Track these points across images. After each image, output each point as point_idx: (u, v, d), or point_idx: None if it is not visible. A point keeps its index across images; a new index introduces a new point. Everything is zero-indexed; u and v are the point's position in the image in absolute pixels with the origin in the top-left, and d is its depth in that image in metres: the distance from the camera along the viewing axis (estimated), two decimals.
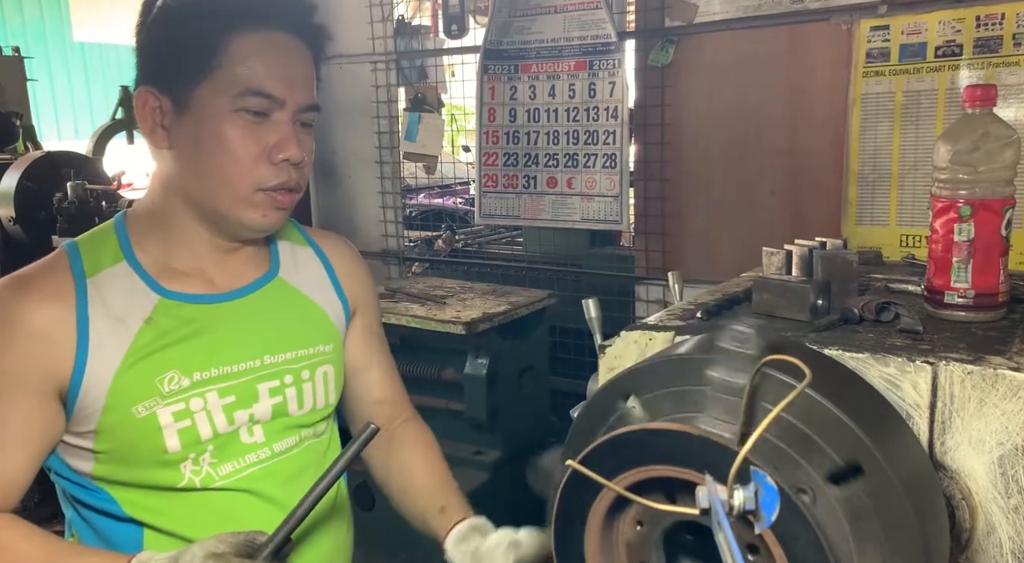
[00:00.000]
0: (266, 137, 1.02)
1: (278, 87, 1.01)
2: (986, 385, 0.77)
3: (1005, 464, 0.76)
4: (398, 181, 3.48)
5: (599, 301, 1.17)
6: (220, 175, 1.02)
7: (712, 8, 2.58)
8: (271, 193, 1.04)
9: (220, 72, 0.99)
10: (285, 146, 1.03)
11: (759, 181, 2.61)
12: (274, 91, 1.01)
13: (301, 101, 1.04)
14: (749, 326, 0.71)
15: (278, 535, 0.89)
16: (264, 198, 1.04)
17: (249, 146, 1.01)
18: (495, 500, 2.35)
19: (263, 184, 1.03)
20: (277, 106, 1.02)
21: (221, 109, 1.00)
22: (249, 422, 1.07)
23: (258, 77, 1.00)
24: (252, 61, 1.00)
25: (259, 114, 1.01)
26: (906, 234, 2.36)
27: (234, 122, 1.00)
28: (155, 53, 1.03)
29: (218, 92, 1.00)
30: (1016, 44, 2.14)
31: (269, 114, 1.02)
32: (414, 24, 3.68)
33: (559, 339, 2.94)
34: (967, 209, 0.93)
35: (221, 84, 0.99)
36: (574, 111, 2.91)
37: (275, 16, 1.03)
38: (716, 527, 0.55)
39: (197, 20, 1.00)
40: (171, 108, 1.02)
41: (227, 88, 0.99)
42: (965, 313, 0.95)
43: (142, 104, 1.03)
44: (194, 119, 1.01)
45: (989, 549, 0.78)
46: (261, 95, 1.00)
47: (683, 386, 0.75)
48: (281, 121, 1.03)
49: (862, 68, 2.36)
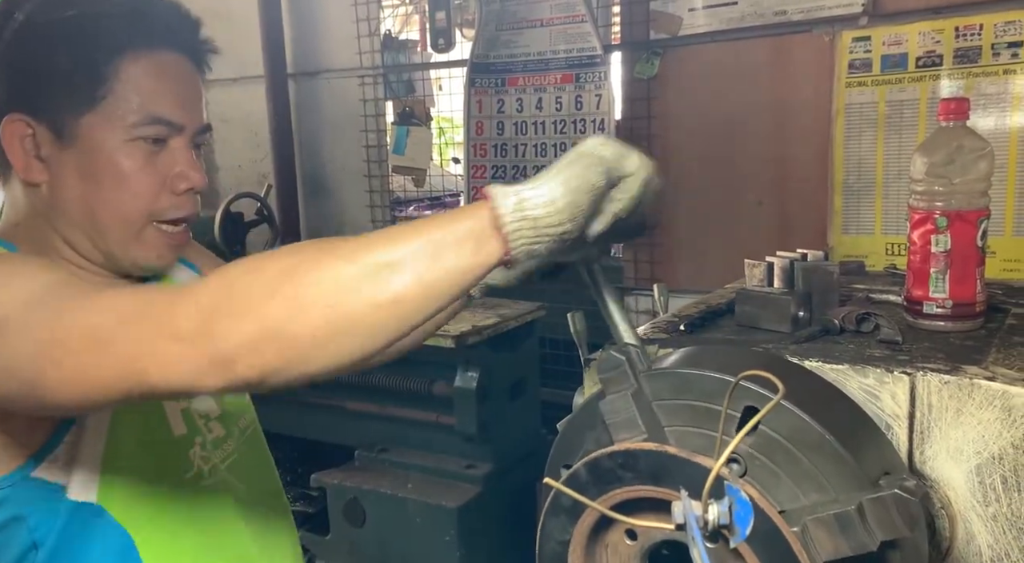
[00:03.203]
0: (166, 167, 0.95)
1: (175, 112, 0.94)
2: (963, 395, 0.78)
3: (983, 472, 0.77)
4: (387, 194, 3.48)
5: (585, 314, 1.17)
6: (114, 210, 0.93)
7: (696, 20, 2.61)
8: (167, 230, 0.97)
9: (111, 99, 0.91)
10: (188, 175, 0.96)
11: (746, 191, 2.63)
12: (172, 117, 0.94)
13: (197, 124, 0.98)
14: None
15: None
16: (157, 236, 0.96)
17: (148, 178, 0.93)
18: (486, 514, 2.35)
19: (160, 216, 0.96)
20: (175, 132, 0.95)
21: (115, 139, 0.91)
22: (204, 419, 1.07)
23: (154, 103, 0.92)
24: (145, 86, 0.92)
25: (157, 142, 0.94)
26: (891, 243, 2.38)
27: (131, 153, 0.92)
28: (25, 77, 0.92)
29: (110, 122, 0.91)
30: (995, 54, 2.17)
31: (166, 141, 0.95)
32: (401, 39, 3.70)
33: (549, 351, 2.94)
34: (943, 220, 0.95)
35: (113, 112, 0.91)
36: (561, 123, 2.92)
37: (162, 36, 0.95)
38: (690, 542, 0.55)
39: (79, 41, 0.91)
40: (50, 138, 0.91)
41: (121, 117, 0.91)
42: (943, 323, 0.97)
43: (11, 134, 0.91)
44: (81, 150, 0.91)
45: (969, 557, 0.79)
46: (160, 123, 0.93)
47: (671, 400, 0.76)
48: (179, 147, 0.96)
49: (845, 79, 2.38)
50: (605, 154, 0.72)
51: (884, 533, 0.63)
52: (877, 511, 0.63)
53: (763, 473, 0.69)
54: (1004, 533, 0.77)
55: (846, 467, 0.68)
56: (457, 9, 3.21)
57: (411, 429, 2.47)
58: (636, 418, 0.73)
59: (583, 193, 0.69)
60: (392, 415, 2.46)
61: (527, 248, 0.68)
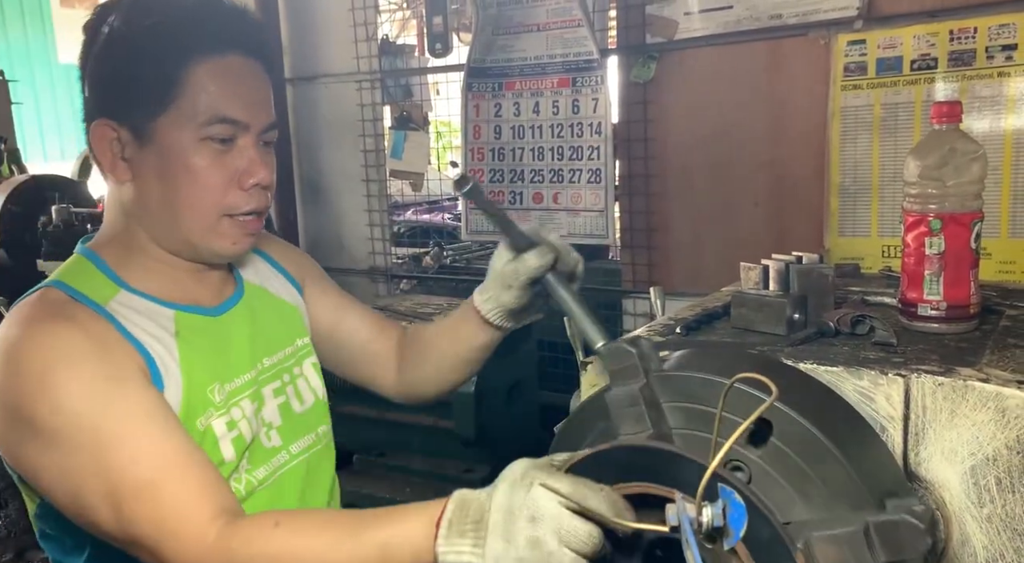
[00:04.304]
0: (233, 163, 1.01)
1: (241, 111, 1.00)
2: (957, 396, 0.78)
3: (977, 474, 0.78)
4: (385, 199, 3.49)
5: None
6: (189, 205, 1.01)
7: (692, 24, 2.62)
8: (241, 219, 1.04)
9: (181, 102, 0.98)
10: (254, 171, 1.02)
11: (742, 194, 2.64)
12: (238, 116, 1.00)
13: (263, 122, 1.03)
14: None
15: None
16: (232, 225, 1.04)
17: (218, 174, 1.00)
18: None
19: (233, 211, 1.03)
20: (242, 130, 1.01)
21: (186, 139, 0.98)
22: (266, 428, 1.09)
23: (221, 104, 0.99)
24: (213, 88, 0.99)
25: (225, 141, 1.00)
26: (887, 245, 2.38)
27: (201, 151, 0.99)
28: (110, 84, 1.01)
29: (181, 122, 0.98)
30: (989, 57, 2.18)
31: (234, 139, 1.01)
32: (399, 43, 3.72)
33: (548, 353, 2.95)
34: (937, 223, 0.95)
35: (184, 114, 0.98)
36: (558, 127, 2.93)
37: (228, 41, 1.01)
38: (685, 544, 0.56)
39: (153, 49, 0.98)
40: (131, 140, 1.00)
41: (191, 118, 0.98)
42: (938, 325, 0.97)
43: (99, 137, 1.01)
44: (157, 150, 0.99)
45: (964, 558, 0.79)
46: (226, 122, 0.99)
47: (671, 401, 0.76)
48: (247, 145, 1.02)
49: (840, 82, 2.39)
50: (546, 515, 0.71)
51: (889, 555, 0.63)
52: (884, 534, 0.63)
53: (768, 482, 0.70)
54: (999, 534, 0.77)
55: (851, 481, 0.68)
56: (454, 14, 3.22)
57: (409, 433, 2.47)
58: (643, 413, 0.73)
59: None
60: (390, 419, 2.46)
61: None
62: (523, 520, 0.70)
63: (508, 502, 0.72)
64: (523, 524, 0.70)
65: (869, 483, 0.69)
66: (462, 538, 0.74)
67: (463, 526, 0.74)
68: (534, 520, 0.70)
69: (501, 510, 0.72)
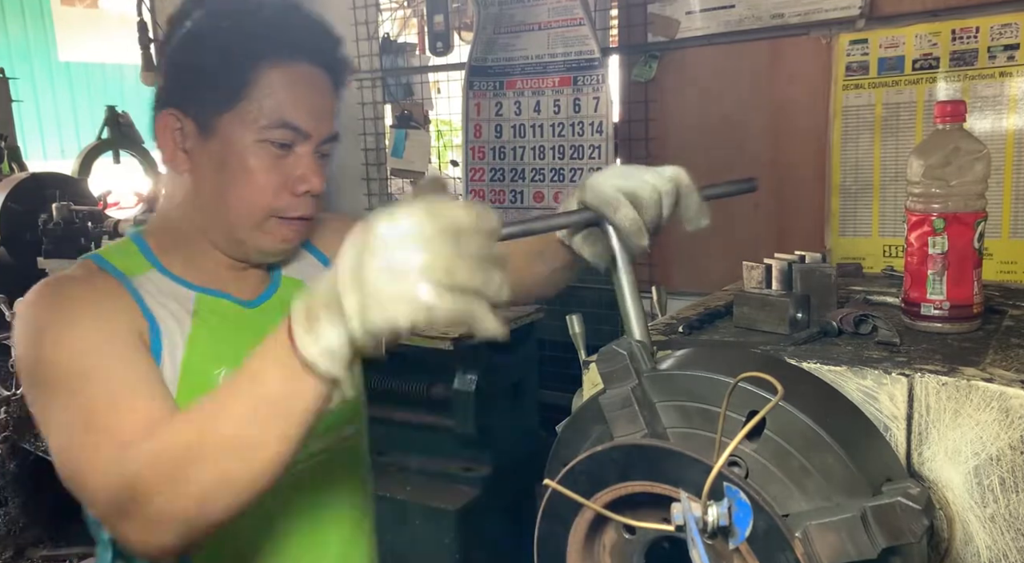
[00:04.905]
0: (289, 169, 1.03)
1: (304, 120, 1.02)
2: (960, 396, 0.78)
3: (981, 474, 0.77)
4: (386, 197, 3.49)
5: (583, 316, 1.18)
6: (241, 203, 1.02)
7: (694, 23, 2.61)
8: (288, 221, 1.05)
9: (248, 102, 1.00)
10: (308, 179, 1.03)
11: (744, 194, 2.63)
12: (300, 124, 1.02)
13: (324, 133, 1.05)
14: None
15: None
16: (279, 224, 1.05)
17: (272, 177, 1.02)
18: (486, 516, 2.35)
19: (282, 213, 1.04)
20: (302, 138, 1.02)
21: (247, 139, 1.00)
22: None
23: (286, 110, 1.01)
24: (281, 94, 1.00)
25: (284, 146, 1.02)
26: (888, 245, 2.38)
27: (258, 153, 1.01)
28: (183, 76, 1.03)
29: (245, 122, 1.00)
30: (991, 57, 2.17)
31: (293, 146, 1.03)
32: (399, 42, 3.71)
33: (548, 353, 2.94)
34: (940, 222, 0.95)
35: (248, 114, 1.00)
36: (559, 126, 2.93)
37: (304, 49, 1.03)
38: (690, 543, 0.56)
39: (228, 48, 1.00)
40: (195, 132, 1.02)
41: (254, 119, 1.00)
42: (941, 324, 0.97)
43: (164, 126, 1.03)
44: (218, 145, 1.01)
45: (967, 558, 0.79)
46: (288, 128, 1.01)
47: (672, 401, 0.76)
48: (304, 153, 1.03)
49: (842, 81, 2.39)
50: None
51: (887, 540, 0.63)
52: (881, 518, 0.63)
53: (765, 476, 0.70)
54: (1002, 534, 0.77)
55: (848, 472, 0.68)
56: (455, 12, 3.22)
57: (410, 432, 2.47)
58: (637, 414, 0.73)
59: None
60: (390, 418, 2.46)
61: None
62: (378, 251, 0.67)
63: (355, 256, 0.69)
64: (380, 253, 0.67)
65: (867, 473, 0.69)
66: (316, 321, 0.71)
67: (314, 312, 0.72)
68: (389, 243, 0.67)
69: (348, 270, 0.68)
